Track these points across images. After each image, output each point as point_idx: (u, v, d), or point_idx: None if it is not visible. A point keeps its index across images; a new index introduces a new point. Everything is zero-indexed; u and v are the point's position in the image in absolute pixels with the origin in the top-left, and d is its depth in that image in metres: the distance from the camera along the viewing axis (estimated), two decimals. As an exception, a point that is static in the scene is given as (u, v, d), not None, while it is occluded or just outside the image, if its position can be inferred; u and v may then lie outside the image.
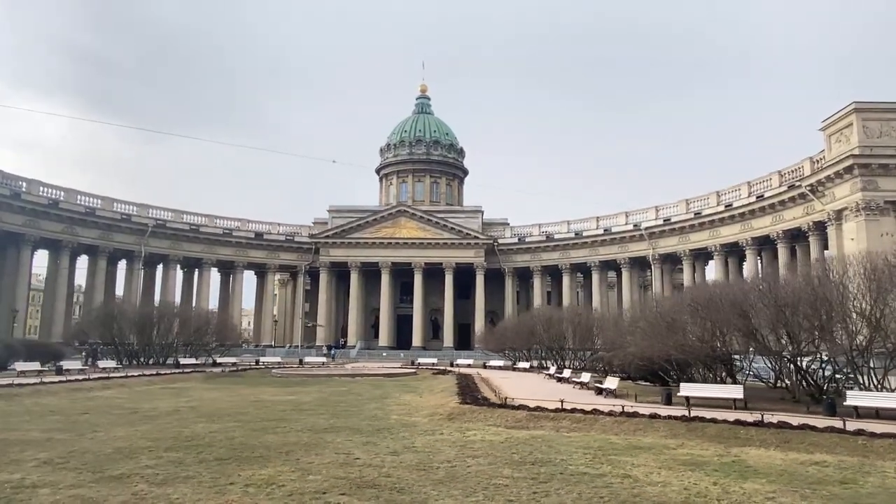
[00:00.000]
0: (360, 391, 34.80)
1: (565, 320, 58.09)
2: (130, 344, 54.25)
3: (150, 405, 26.24)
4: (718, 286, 33.82)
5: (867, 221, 51.42)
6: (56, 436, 17.32)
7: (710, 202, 73.60)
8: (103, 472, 12.49)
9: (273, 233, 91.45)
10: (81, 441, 16.50)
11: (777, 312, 25.94)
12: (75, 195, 75.05)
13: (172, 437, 17.42)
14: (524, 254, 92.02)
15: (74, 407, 25.02)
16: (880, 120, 52.96)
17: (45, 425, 19.52)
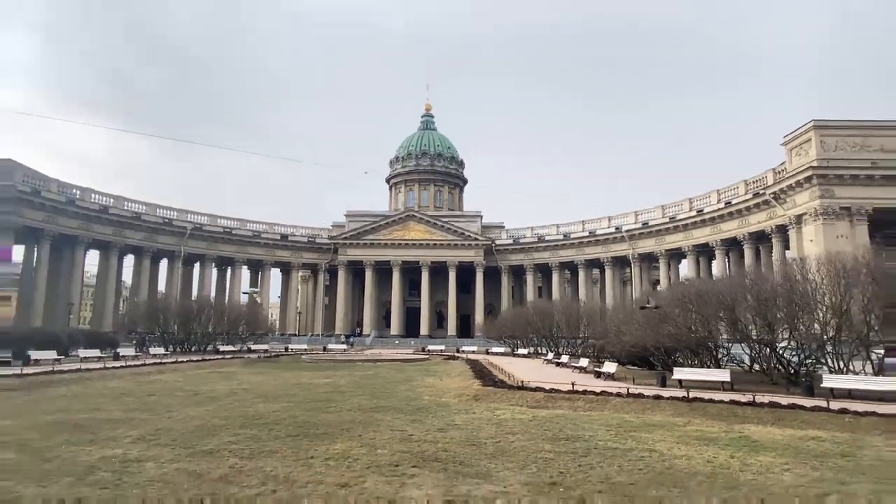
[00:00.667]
0: (386, 375, 34.56)
1: (557, 312, 58.13)
2: (175, 333, 54.04)
3: (207, 387, 25.92)
4: (706, 283, 33.87)
5: (825, 225, 51.62)
6: (137, 415, 17.14)
7: (684, 208, 73.64)
8: (193, 447, 12.39)
9: (297, 235, 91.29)
10: (161, 420, 16.34)
11: (758, 305, 26.10)
12: (123, 202, 74.69)
13: (240, 416, 17.27)
14: (518, 253, 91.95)
15: (141, 389, 24.76)
16: (836, 136, 53.11)
17: (122, 406, 19.33)
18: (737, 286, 27.53)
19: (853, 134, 53.32)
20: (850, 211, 51.87)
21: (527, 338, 59.72)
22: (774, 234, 60.58)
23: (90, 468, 10.30)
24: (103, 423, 15.41)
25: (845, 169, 51.82)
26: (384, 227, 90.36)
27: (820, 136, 52.91)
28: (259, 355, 52.39)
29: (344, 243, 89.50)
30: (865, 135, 53.31)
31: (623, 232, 79.35)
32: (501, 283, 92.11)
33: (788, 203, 56.91)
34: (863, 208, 51.80)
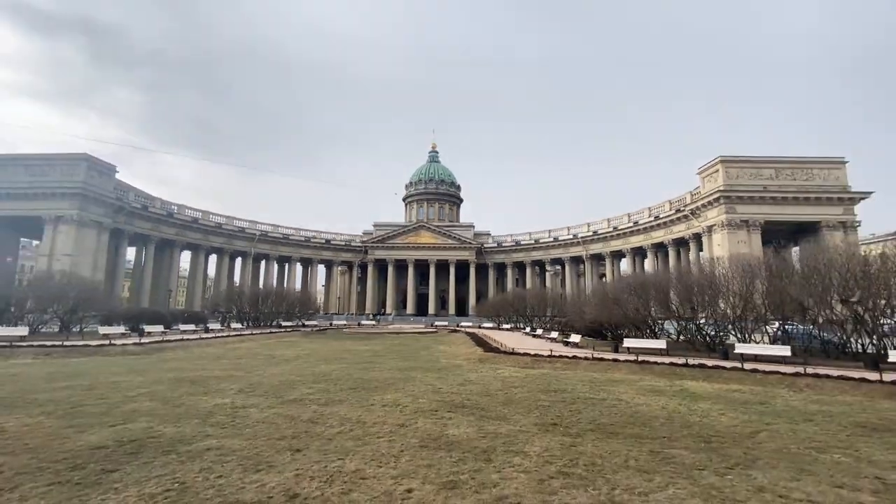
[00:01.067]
0: (408, 343, 34.25)
1: (530, 298, 58.21)
2: (248, 312, 53.68)
3: (279, 352, 25.59)
4: (648, 276, 33.78)
5: (729, 234, 51.68)
6: (233, 373, 16.92)
7: (623, 220, 73.47)
8: (282, 397, 12.26)
9: (337, 240, 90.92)
10: (252, 377, 16.08)
11: (685, 292, 26.03)
12: (209, 215, 74.18)
13: (310, 374, 17.04)
14: (501, 254, 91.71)
15: (230, 354, 24.43)
16: (737, 168, 53.24)
17: (220, 366, 19.06)
18: (668, 279, 27.46)
19: (749, 166, 53.44)
20: (748, 223, 51.94)
21: (508, 316, 59.61)
22: (692, 239, 60.56)
23: (209, 413, 10.22)
24: (210, 379, 15.25)
25: (744, 192, 51.96)
26: (402, 234, 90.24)
27: (725, 167, 53.04)
28: (312, 329, 52.06)
29: (373, 246, 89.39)
30: (758, 167, 53.45)
31: (579, 238, 79.21)
32: (489, 275, 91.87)
33: (702, 217, 56.96)
34: (757, 221, 51.87)
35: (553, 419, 10.14)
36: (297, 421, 9.50)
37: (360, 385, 14.37)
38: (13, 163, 54.48)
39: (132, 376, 15.58)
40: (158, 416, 9.86)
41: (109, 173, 57.83)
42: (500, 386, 14.60)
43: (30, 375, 15.16)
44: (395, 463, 6.91)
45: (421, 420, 9.70)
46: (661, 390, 14.51)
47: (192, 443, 7.80)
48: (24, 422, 9.05)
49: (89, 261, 53.19)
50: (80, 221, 53.20)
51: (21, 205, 53.03)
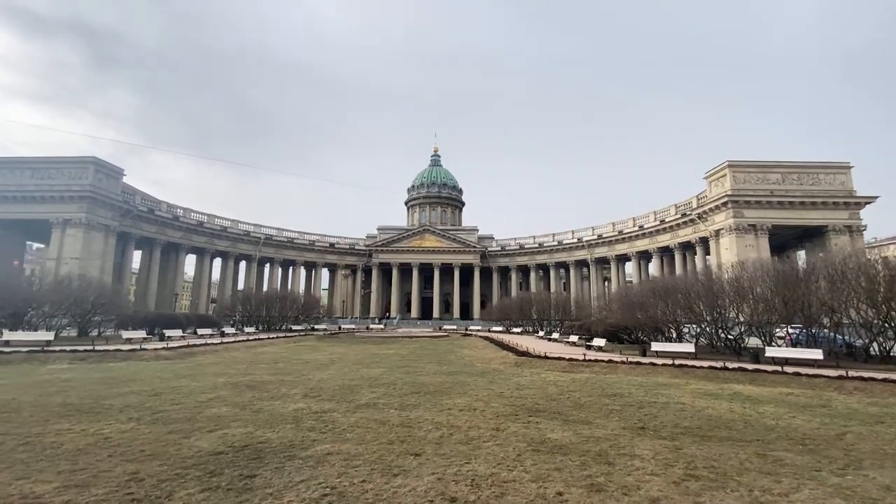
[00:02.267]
0: (428, 347, 33.74)
1: (543, 301, 58.35)
2: (261, 316, 53.40)
3: (309, 357, 25.20)
4: (673, 280, 33.86)
5: (737, 238, 52.28)
6: (282, 378, 16.61)
7: (629, 224, 73.96)
8: (353, 401, 12.21)
9: (341, 243, 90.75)
10: (304, 381, 15.79)
11: (711, 296, 26.29)
12: (214, 218, 73.83)
13: (359, 378, 16.75)
14: (505, 257, 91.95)
15: (261, 358, 24.09)
16: (745, 172, 53.89)
17: (264, 371, 18.78)
18: (695, 283, 27.69)
19: (756, 171, 54.16)
20: (755, 227, 52.58)
21: (517, 319, 59.72)
22: (698, 243, 61.07)
23: (296, 418, 10.20)
24: (265, 384, 15.13)
25: (752, 196, 52.65)
26: (406, 237, 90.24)
27: (733, 172, 53.69)
28: (323, 333, 51.77)
29: (377, 249, 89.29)
30: (765, 171, 54.15)
31: (584, 242, 79.63)
32: (493, 279, 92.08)
33: (709, 221, 57.52)
34: (765, 225, 52.52)
35: (636, 423, 10.24)
36: (391, 426, 9.51)
37: (419, 389, 14.34)
38: (20, 166, 54.01)
39: (184, 381, 15.49)
40: (247, 421, 9.85)
41: (117, 176, 57.51)
42: (556, 391, 14.63)
43: (85, 381, 15.02)
44: (522, 466, 6.99)
45: (511, 424, 9.76)
46: (715, 394, 14.63)
47: (306, 448, 7.83)
48: (119, 428, 9.02)
49: (97, 264, 52.77)
50: (88, 225, 52.81)
51: (28, 208, 52.56)
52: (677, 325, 28.23)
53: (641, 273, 73.54)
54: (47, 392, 12.84)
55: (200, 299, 71.85)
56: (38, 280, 30.73)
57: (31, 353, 21.06)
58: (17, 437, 8.25)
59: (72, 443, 7.92)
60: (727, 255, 53.15)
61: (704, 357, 23.81)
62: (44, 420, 9.52)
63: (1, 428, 8.84)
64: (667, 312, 27.08)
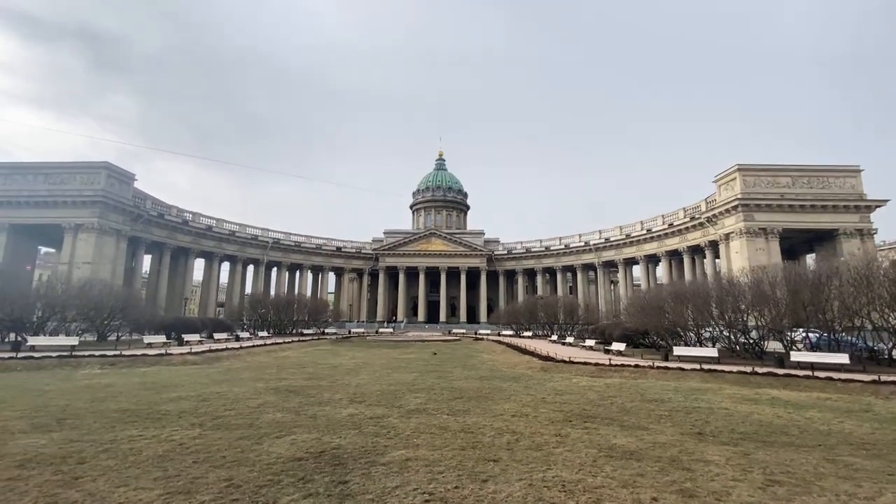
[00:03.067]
0: (446, 351, 33.63)
1: (549, 305, 58.43)
2: (274, 320, 53.46)
3: (332, 361, 25.24)
4: (694, 285, 33.94)
5: (748, 241, 52.35)
6: (317, 383, 16.61)
7: (637, 228, 74.04)
8: (401, 407, 12.25)
9: (347, 247, 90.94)
10: (344, 387, 15.77)
11: (733, 300, 26.38)
12: (222, 223, 74.07)
13: (395, 383, 16.74)
14: (511, 261, 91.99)
15: (287, 363, 24.12)
16: (755, 176, 53.99)
17: (298, 375, 18.82)
18: (717, 287, 27.77)
19: (766, 174, 54.25)
20: (766, 231, 52.64)
21: (526, 323, 59.74)
22: (707, 247, 61.13)
23: (355, 424, 10.27)
24: (306, 389, 15.20)
25: (762, 200, 52.75)
26: (413, 241, 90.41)
27: (742, 175, 53.81)
28: (337, 337, 51.81)
29: (383, 253, 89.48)
30: (775, 175, 54.24)
31: (591, 245, 79.70)
32: (499, 283, 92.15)
33: (719, 224, 57.58)
34: (775, 229, 52.58)
35: (691, 429, 10.32)
36: (453, 432, 9.59)
37: (460, 395, 14.40)
38: (32, 171, 54.27)
39: (225, 387, 15.56)
40: (309, 427, 9.92)
41: (128, 181, 57.76)
42: (596, 396, 14.68)
43: (127, 386, 15.11)
44: (604, 472, 7.09)
45: (571, 430, 9.84)
46: (754, 399, 14.71)
47: (382, 454, 7.92)
48: (187, 434, 9.11)
49: (108, 268, 52.92)
50: (100, 229, 53.01)
51: (41, 213, 52.78)
52: (697, 329, 28.31)
53: (649, 277, 73.62)
54: (97, 398, 12.93)
55: (209, 303, 71.93)
56: (62, 285, 30.66)
57: (62, 358, 21.15)
58: (94, 443, 8.34)
59: (150, 449, 8.02)
60: (738, 259, 53.37)
61: (727, 361, 23.88)
62: (110, 426, 9.62)
63: (73, 434, 8.93)
64: (687, 317, 27.12)
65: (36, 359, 20.70)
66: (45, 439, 8.54)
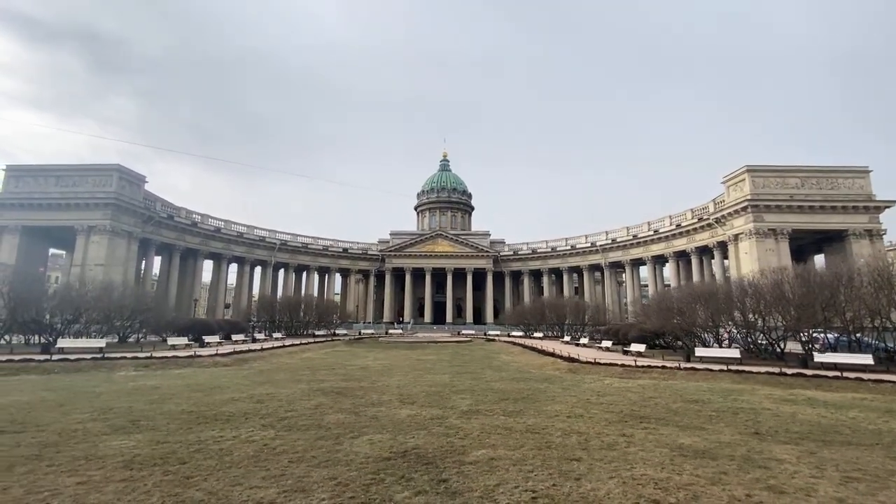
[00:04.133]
0: (465, 353, 33.84)
1: (560, 306, 58.75)
2: (289, 322, 53.69)
3: (361, 363, 25.34)
4: (711, 285, 34.31)
5: (758, 242, 52.71)
6: (356, 384, 16.82)
7: (644, 229, 74.41)
8: (454, 408, 12.46)
9: (354, 248, 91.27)
10: (385, 388, 16.00)
11: (754, 302, 26.68)
12: (231, 224, 74.32)
13: (434, 384, 16.95)
14: (517, 262, 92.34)
15: (315, 364, 24.39)
16: (763, 177, 54.43)
17: (335, 377, 18.99)
18: (739, 288, 28.05)
19: (775, 175, 54.67)
20: (775, 231, 53.04)
21: (539, 324, 60.01)
22: (716, 248, 61.53)
23: (419, 424, 10.51)
24: (351, 391, 15.40)
25: (771, 201, 53.15)
26: (419, 242, 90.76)
27: (752, 176, 54.22)
28: (351, 338, 52.04)
29: (390, 254, 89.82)
30: (783, 176, 54.68)
31: (597, 246, 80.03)
32: (505, 283, 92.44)
33: (727, 225, 57.93)
34: (784, 229, 52.97)
35: (745, 428, 10.61)
36: (520, 432, 9.87)
37: (504, 396, 14.64)
38: (44, 174, 54.49)
39: (268, 388, 15.83)
40: (376, 427, 10.17)
41: (139, 183, 58.01)
42: (637, 397, 14.92)
43: (174, 388, 15.38)
44: (686, 471, 7.37)
45: (633, 431, 10.11)
46: (791, 399, 14.98)
47: (465, 454, 8.20)
48: (265, 435, 9.38)
49: (120, 270, 53.09)
50: (113, 231, 53.23)
51: (53, 215, 53.02)
52: (716, 330, 28.63)
53: (657, 277, 74.00)
54: (153, 399, 13.20)
55: (217, 304, 72.13)
56: (85, 287, 30.86)
57: (95, 360, 21.42)
58: (182, 444, 8.61)
59: (238, 450, 8.29)
60: (747, 260, 53.78)
61: (749, 362, 24.15)
62: (186, 428, 9.89)
63: (155, 436, 9.20)
64: (706, 318, 27.44)
65: (71, 361, 20.96)
66: (132, 441, 8.81)
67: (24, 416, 10.77)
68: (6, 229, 52.51)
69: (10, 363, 19.64)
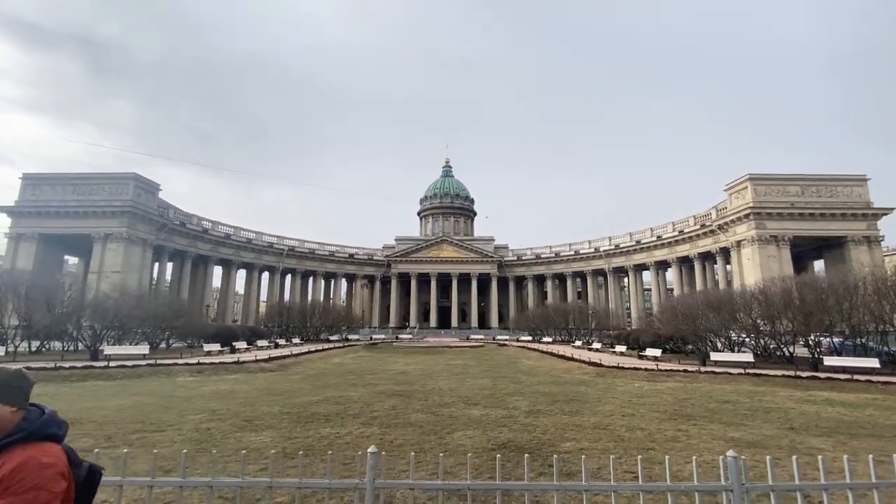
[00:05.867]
0: (487, 358, 34.57)
1: (569, 311, 60.37)
2: (306, 327, 54.94)
3: (398, 367, 26.29)
4: (725, 292, 35.98)
5: (760, 248, 54.78)
6: (411, 387, 18.09)
7: (647, 235, 76.33)
8: (514, 408, 13.87)
9: (360, 254, 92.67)
10: (438, 391, 17.23)
11: (768, 308, 28.41)
12: (240, 231, 75.53)
13: (477, 387, 18.22)
14: (521, 267, 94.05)
15: (353, 369, 25.56)
16: (765, 185, 56.58)
17: (382, 380, 20.17)
18: (752, 296, 29.78)
19: (776, 183, 56.85)
20: (777, 238, 55.12)
21: (547, 329, 61.54)
22: (718, 253, 63.57)
23: (496, 422, 11.98)
24: (409, 392, 16.76)
25: (773, 209, 55.28)
26: (425, 248, 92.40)
27: (754, 185, 56.37)
28: (366, 343, 53.27)
29: (395, 260, 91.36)
30: (784, 184, 56.84)
31: (601, 251, 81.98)
32: (509, 288, 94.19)
33: (730, 232, 60.04)
34: (786, 236, 55.07)
35: (781, 424, 12.18)
36: (589, 428, 11.37)
37: (554, 398, 16.08)
38: (61, 182, 55.57)
39: (332, 391, 17.21)
40: (461, 425, 11.67)
41: (154, 191, 59.20)
42: (672, 399, 16.39)
43: (248, 392, 16.77)
44: (749, 457, 8.96)
45: (687, 427, 11.66)
46: (809, 400, 16.58)
47: (555, 445, 9.69)
48: (374, 431, 10.82)
49: (135, 277, 54.25)
50: (129, 239, 54.41)
51: (70, 223, 54.09)
52: (728, 335, 30.36)
53: (659, 282, 75.95)
54: (241, 402, 14.56)
55: (227, 310, 73.29)
56: (123, 296, 32.12)
57: (151, 367, 22.73)
58: (311, 437, 10.07)
59: (362, 443, 9.69)
60: (749, 266, 55.87)
61: (762, 366, 25.78)
62: (299, 426, 11.29)
63: (281, 433, 10.65)
64: (719, 323, 29.14)
65: (129, 367, 22.27)
66: (265, 436, 10.25)
67: (147, 416, 12.16)
68: (23, 237, 53.59)
69: (74, 370, 20.91)
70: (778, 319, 28.84)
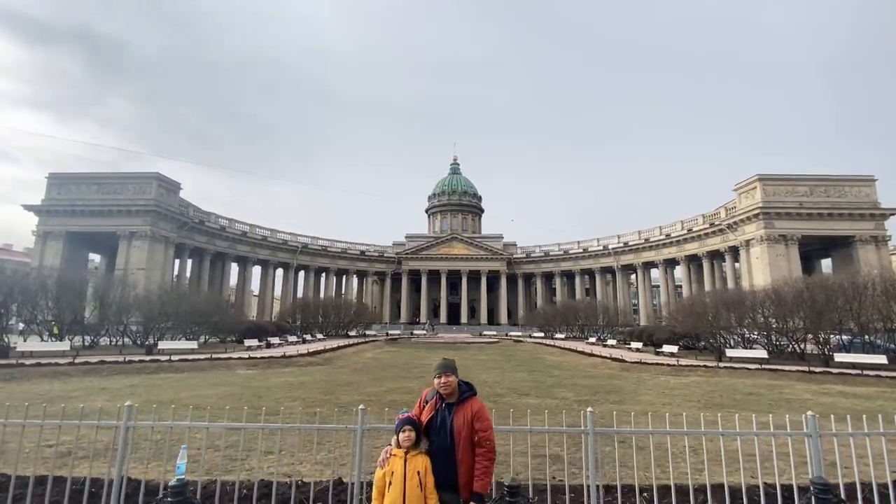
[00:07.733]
0: (511, 353, 36.14)
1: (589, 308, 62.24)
2: (328, 323, 56.74)
3: (426, 361, 27.15)
4: (742, 292, 37.65)
5: (769, 247, 56.38)
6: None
7: (655, 233, 77.81)
8: (564, 398, 15.63)
9: (371, 251, 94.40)
10: (484, 384, 18.44)
11: (780, 307, 30.17)
12: (255, 228, 77.17)
13: (519, 380, 19.88)
14: (530, 264, 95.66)
15: (392, 362, 27.29)
16: (774, 185, 58.10)
17: (421, 372, 21.84)
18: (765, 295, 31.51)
19: (785, 184, 58.38)
20: (785, 237, 56.71)
21: (560, 326, 63.31)
22: (727, 252, 65.14)
23: (557, 408, 13.77)
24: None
25: (782, 208, 56.80)
26: (435, 245, 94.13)
27: (763, 185, 57.91)
28: (385, 338, 54.98)
29: (406, 257, 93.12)
30: (793, 184, 58.37)
31: (610, 249, 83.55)
32: (518, 285, 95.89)
33: (739, 231, 61.64)
34: (794, 235, 56.66)
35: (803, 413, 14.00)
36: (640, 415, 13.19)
37: (593, 390, 17.82)
38: (86, 181, 57.25)
39: (389, 383, 18.88)
40: (525, 412, 13.49)
41: (175, 190, 60.86)
42: (701, 391, 18.10)
43: (316, 382, 18.53)
44: (782, 437, 10.76)
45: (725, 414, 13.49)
46: (826, 392, 18.35)
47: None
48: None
49: (158, 274, 56.04)
50: (153, 237, 56.14)
51: (96, 221, 55.81)
52: (742, 332, 32.16)
53: (668, 280, 77.64)
54: (325, 390, 16.36)
55: (244, 307, 75.04)
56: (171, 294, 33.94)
57: (210, 360, 24.53)
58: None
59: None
60: (758, 265, 57.57)
61: (775, 362, 27.52)
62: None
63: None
64: (734, 321, 30.93)
65: (190, 360, 24.08)
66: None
67: (248, 403, 13.93)
68: (50, 235, 55.35)
69: (143, 363, 22.69)
70: (790, 318, 30.59)
